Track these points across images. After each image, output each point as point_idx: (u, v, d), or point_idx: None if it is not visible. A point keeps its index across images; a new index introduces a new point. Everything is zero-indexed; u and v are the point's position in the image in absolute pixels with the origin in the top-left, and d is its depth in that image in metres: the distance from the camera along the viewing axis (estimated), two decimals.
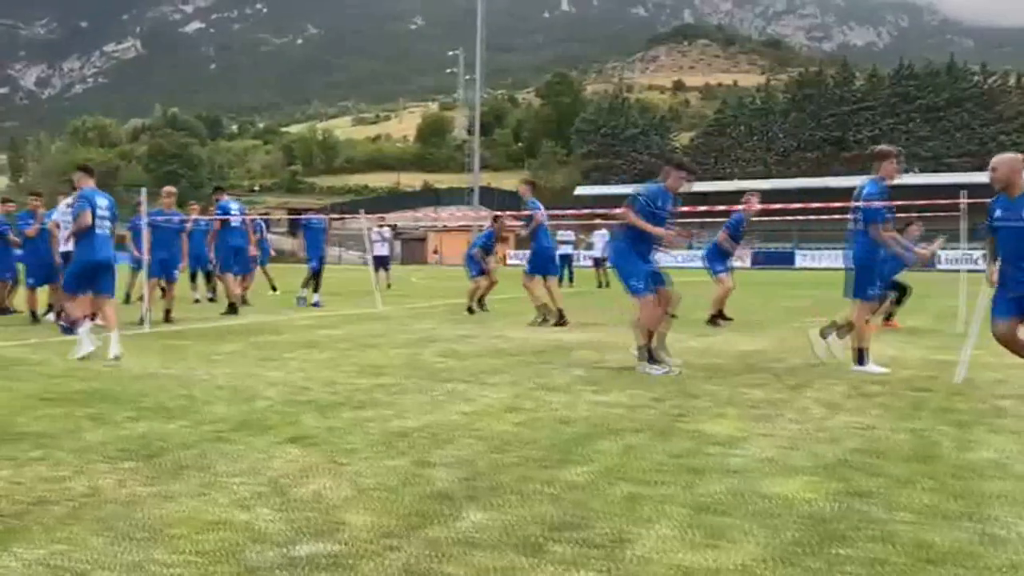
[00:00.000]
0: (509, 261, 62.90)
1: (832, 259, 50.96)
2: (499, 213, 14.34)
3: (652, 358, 6.85)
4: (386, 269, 20.27)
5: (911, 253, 8.18)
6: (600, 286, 22.46)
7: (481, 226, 56.14)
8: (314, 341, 9.24)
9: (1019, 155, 5.93)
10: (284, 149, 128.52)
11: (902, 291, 11.04)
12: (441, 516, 3.16)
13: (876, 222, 6.88)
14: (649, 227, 6.91)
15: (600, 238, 23.48)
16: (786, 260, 53.98)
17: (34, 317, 11.55)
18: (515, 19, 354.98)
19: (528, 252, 11.94)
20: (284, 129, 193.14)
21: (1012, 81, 66.53)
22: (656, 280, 7.10)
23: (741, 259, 46.06)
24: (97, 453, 4.10)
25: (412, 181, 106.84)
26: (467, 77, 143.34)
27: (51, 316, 11.86)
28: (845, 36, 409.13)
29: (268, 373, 6.78)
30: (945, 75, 68.02)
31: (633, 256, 7.07)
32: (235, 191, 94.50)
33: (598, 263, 23.16)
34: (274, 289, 17.59)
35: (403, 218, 70.03)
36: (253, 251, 14.70)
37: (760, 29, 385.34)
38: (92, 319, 11.49)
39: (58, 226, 11.40)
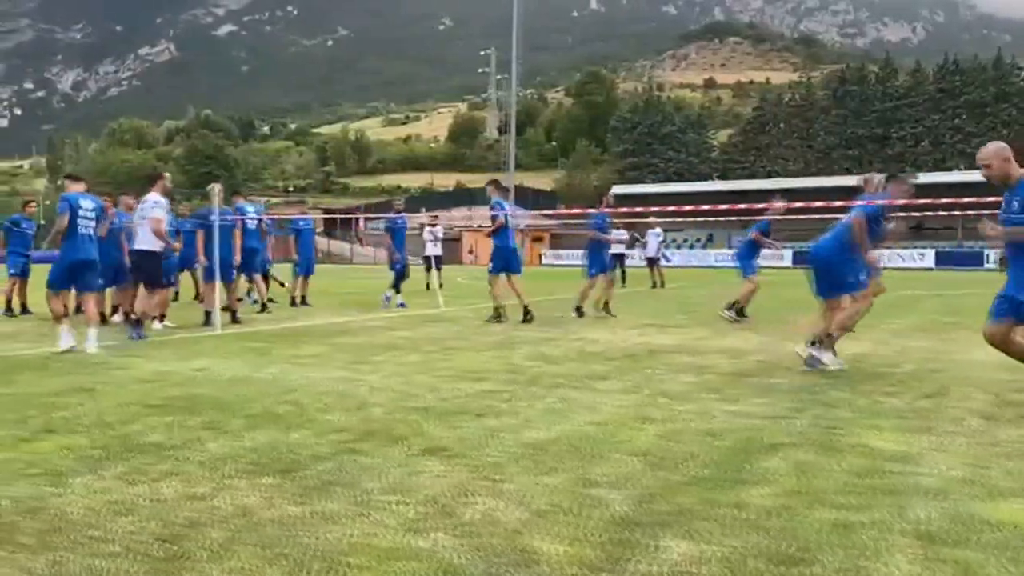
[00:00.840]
0: (544, 260, 62.78)
1: (883, 259, 49.97)
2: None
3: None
4: (438, 269, 19.95)
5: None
6: (654, 286, 22.03)
7: (517, 225, 55.88)
8: (394, 343, 8.98)
9: (1002, 143, 5.37)
10: (317, 150, 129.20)
11: None
12: (641, 546, 2.83)
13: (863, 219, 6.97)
14: (867, 244, 7.08)
15: (654, 237, 23.02)
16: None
17: (103, 319, 11.38)
18: (544, 18, 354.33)
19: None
20: (315, 130, 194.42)
21: None
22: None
23: (780, 258, 45.42)
24: (229, 467, 3.83)
25: (445, 181, 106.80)
26: (499, 76, 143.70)
27: (117, 318, 11.73)
28: (879, 32, 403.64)
29: (364, 377, 6.52)
30: (992, 70, 66.57)
31: (852, 256, 7.11)
32: (271, 191, 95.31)
33: (652, 263, 22.73)
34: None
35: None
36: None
37: (792, 26, 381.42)
38: (162, 320, 11.49)
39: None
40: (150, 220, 9.79)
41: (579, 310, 12.47)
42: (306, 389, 5.94)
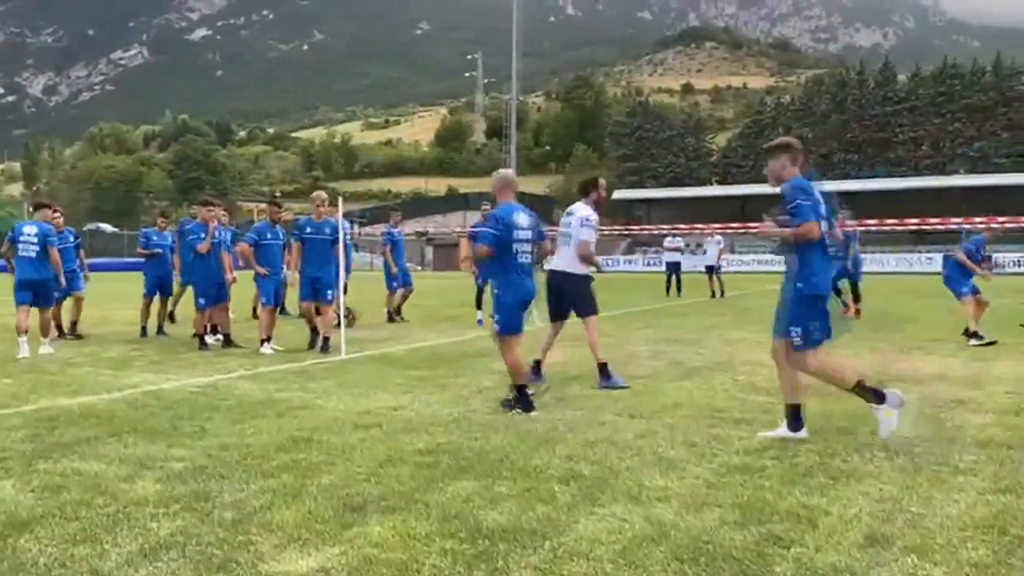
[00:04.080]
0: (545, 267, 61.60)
1: (880, 264, 49.60)
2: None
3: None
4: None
5: None
6: (714, 295, 21.10)
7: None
8: (573, 371, 7.91)
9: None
10: (303, 154, 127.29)
11: None
12: None
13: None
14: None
15: (714, 245, 22.12)
16: None
17: (202, 343, 10.22)
18: (522, 23, 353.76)
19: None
20: (294, 134, 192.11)
21: None
22: None
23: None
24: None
25: (434, 186, 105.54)
26: (485, 80, 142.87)
27: (211, 339, 10.55)
28: (851, 37, 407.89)
29: (608, 416, 5.46)
30: (991, 74, 66.54)
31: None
32: (258, 197, 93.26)
33: (711, 271, 21.80)
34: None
35: (432, 224, 68.72)
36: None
37: (766, 31, 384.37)
38: (214, 332, 10.40)
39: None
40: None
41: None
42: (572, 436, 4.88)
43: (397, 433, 5.21)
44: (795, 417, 5.08)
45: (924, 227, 51.62)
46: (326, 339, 9.61)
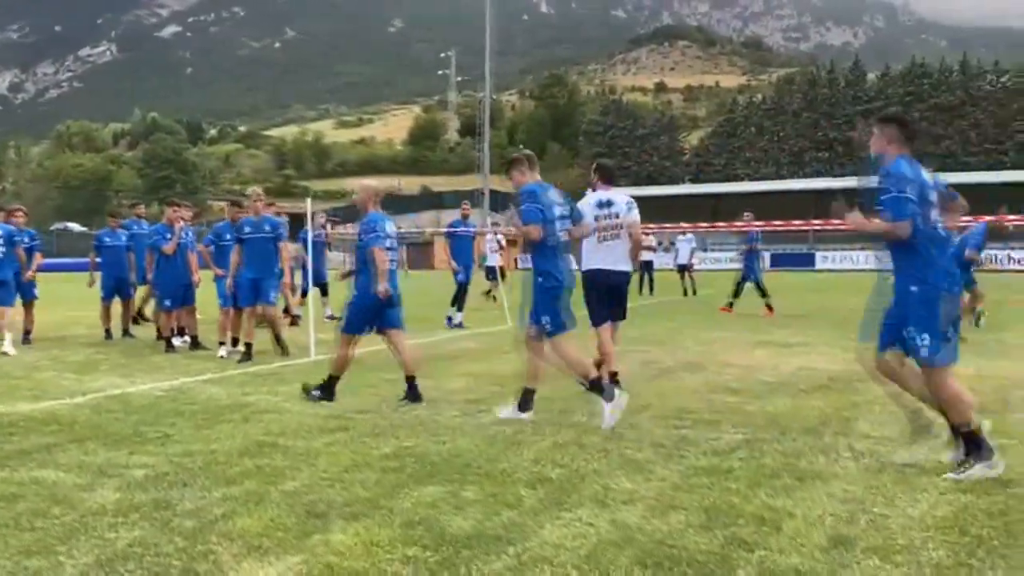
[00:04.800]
0: (521, 265, 61.66)
1: (851, 261, 50.10)
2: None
3: None
4: (498, 279, 18.88)
5: None
6: (686, 293, 21.21)
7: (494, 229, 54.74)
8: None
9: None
10: (274, 152, 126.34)
11: None
12: None
13: None
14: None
15: (686, 244, 22.25)
16: (806, 262, 53.03)
17: (169, 345, 10.10)
18: (495, 21, 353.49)
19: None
20: (266, 133, 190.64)
21: None
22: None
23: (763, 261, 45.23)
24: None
25: (408, 184, 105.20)
26: (459, 78, 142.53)
27: (178, 341, 10.42)
28: (822, 36, 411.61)
29: (576, 418, 5.46)
30: (959, 74, 67.55)
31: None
32: (230, 195, 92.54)
33: (684, 269, 21.92)
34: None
35: (405, 223, 68.49)
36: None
37: (738, 30, 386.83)
38: (181, 334, 10.26)
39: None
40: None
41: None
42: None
43: (364, 437, 5.17)
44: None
45: None
46: (248, 346, 8.96)
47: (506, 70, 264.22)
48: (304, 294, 12.61)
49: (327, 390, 6.38)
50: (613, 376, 6.46)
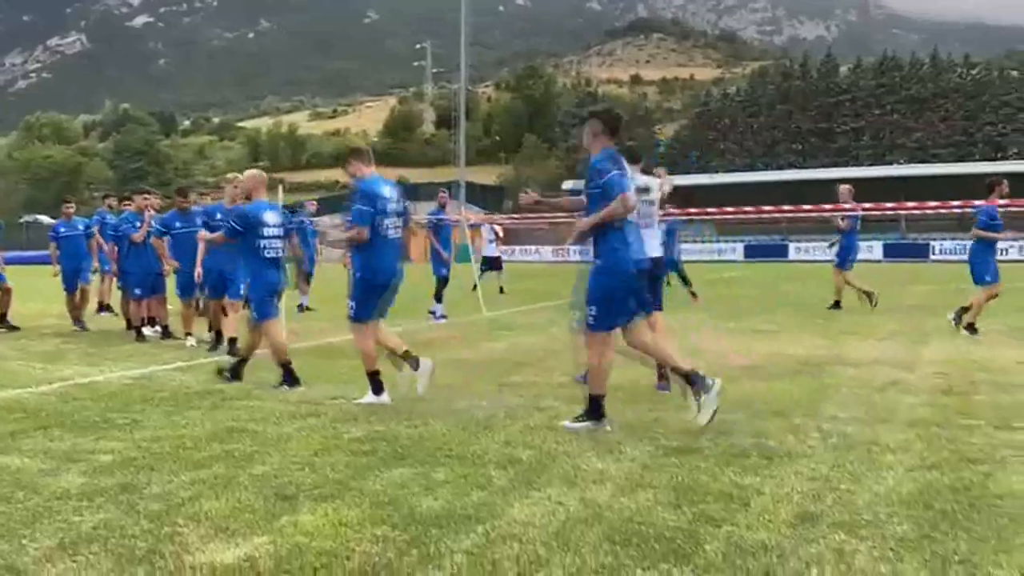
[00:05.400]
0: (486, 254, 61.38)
1: (824, 252, 50.56)
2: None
3: None
4: (498, 270, 19.00)
5: None
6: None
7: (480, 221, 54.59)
8: (518, 359, 7.90)
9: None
10: (249, 144, 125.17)
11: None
12: None
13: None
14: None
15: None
16: (779, 253, 53.38)
17: (139, 334, 9.99)
18: (471, 13, 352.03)
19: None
20: (240, 124, 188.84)
21: (995, 73, 67.06)
22: None
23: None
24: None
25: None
26: (434, 70, 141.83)
27: (149, 331, 10.31)
28: (795, 30, 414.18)
29: (548, 403, 5.46)
30: (930, 66, 68.33)
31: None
32: (204, 188, 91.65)
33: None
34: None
35: None
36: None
37: (712, 23, 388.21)
38: (152, 324, 10.16)
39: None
40: None
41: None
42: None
43: (335, 422, 5.15)
44: None
45: (862, 214, 52.77)
46: (232, 341, 8.32)
47: (482, 61, 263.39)
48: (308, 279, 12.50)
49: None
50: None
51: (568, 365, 7.38)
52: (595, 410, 4.91)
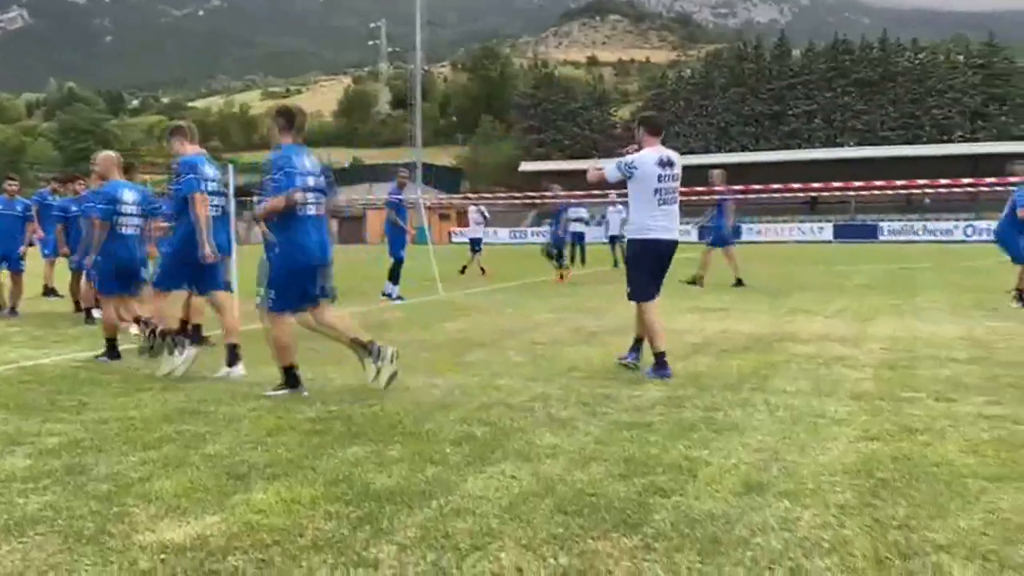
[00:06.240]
0: (455, 239, 61.39)
1: (776, 233, 51.42)
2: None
3: None
4: (478, 251, 19.19)
5: None
6: (616, 265, 21.43)
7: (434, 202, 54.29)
8: (475, 339, 7.92)
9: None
10: (199, 124, 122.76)
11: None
12: None
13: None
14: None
15: (616, 215, 22.42)
16: (732, 234, 53.99)
17: (88, 316, 9.80)
18: None
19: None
20: (190, 104, 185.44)
21: (942, 57, 68.46)
22: None
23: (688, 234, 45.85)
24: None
25: (338, 156, 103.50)
26: (389, 49, 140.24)
27: (97, 313, 10.08)
28: (750, 13, 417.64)
29: (504, 381, 5.50)
30: (879, 50, 69.45)
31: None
32: (154, 169, 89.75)
33: (614, 241, 22.11)
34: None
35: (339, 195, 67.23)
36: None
37: (667, 6, 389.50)
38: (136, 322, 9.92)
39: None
40: None
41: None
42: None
43: (288, 403, 5.12)
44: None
45: (814, 196, 53.64)
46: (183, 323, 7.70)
47: (438, 42, 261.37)
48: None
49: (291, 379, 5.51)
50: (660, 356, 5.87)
51: (523, 344, 7.42)
52: (291, 379, 5.41)
